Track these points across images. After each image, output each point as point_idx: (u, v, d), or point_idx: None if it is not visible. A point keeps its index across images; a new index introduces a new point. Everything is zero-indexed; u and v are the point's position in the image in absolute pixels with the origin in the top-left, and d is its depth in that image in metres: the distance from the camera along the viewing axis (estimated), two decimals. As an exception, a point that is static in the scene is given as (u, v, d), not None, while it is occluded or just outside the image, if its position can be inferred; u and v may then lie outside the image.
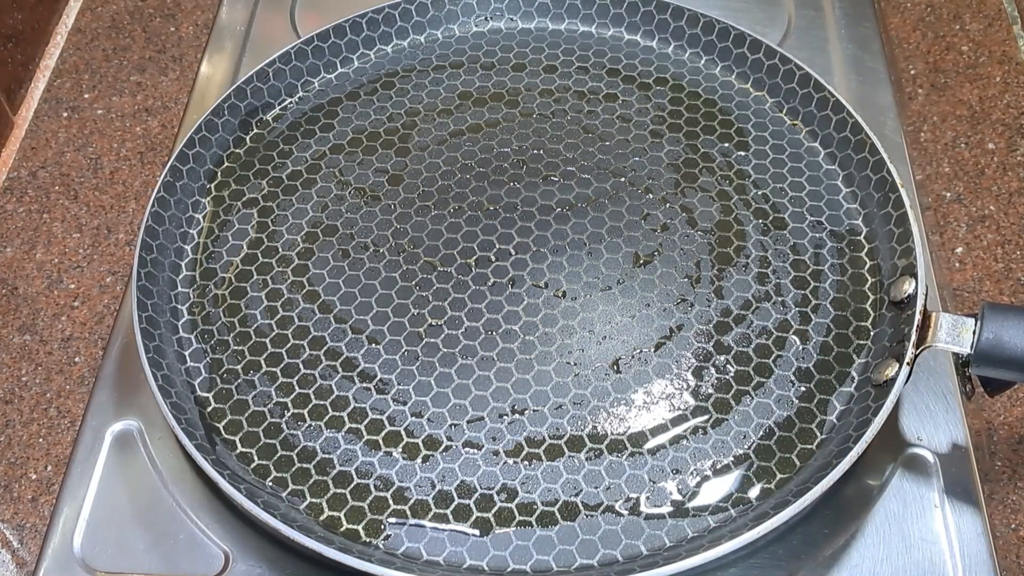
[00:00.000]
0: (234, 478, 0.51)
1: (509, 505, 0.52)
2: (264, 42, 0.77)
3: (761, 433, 0.54)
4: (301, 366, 0.57)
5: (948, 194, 0.67)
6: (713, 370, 0.56)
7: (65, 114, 0.74)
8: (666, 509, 0.51)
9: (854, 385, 0.55)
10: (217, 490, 0.52)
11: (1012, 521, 0.54)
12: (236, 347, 0.58)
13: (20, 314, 0.63)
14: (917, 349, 0.51)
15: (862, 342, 0.57)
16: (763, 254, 0.61)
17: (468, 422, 0.55)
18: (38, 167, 0.71)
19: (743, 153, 0.66)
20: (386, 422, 0.55)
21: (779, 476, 0.52)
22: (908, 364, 0.51)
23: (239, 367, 0.57)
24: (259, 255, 0.62)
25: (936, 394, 0.56)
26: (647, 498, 0.52)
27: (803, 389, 0.55)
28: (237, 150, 0.68)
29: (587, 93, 0.70)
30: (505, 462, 0.53)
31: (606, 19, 0.73)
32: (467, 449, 0.54)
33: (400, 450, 0.54)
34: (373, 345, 0.58)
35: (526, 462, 0.53)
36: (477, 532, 0.51)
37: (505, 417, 0.55)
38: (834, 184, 0.64)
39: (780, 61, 0.68)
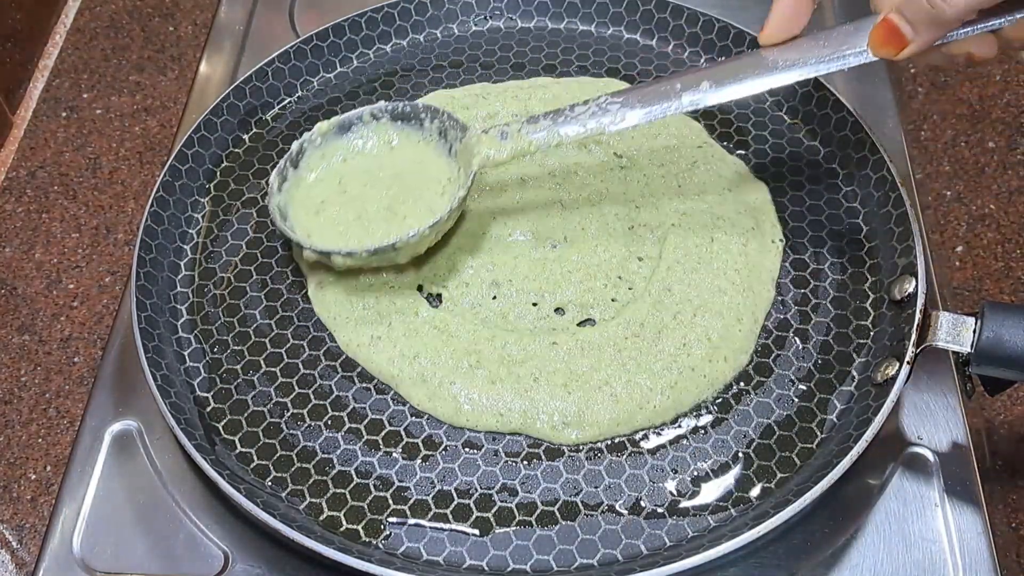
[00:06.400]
0: (233, 478, 0.51)
1: (509, 505, 0.52)
2: (263, 41, 0.77)
3: (761, 432, 0.54)
4: (300, 366, 0.57)
5: (948, 193, 0.67)
6: (713, 369, 0.56)
7: (64, 114, 0.74)
8: (666, 508, 0.51)
9: (854, 384, 0.55)
10: (216, 490, 0.52)
11: (1012, 520, 0.54)
12: (235, 347, 0.58)
13: (19, 314, 0.63)
14: (917, 348, 0.51)
15: (862, 341, 0.57)
16: (763, 253, 0.61)
17: (468, 422, 0.55)
18: (37, 167, 0.71)
19: (743, 152, 0.66)
20: (386, 422, 0.55)
21: (779, 475, 0.52)
22: (908, 363, 0.51)
23: (238, 367, 0.57)
24: (258, 255, 0.62)
25: (936, 393, 0.56)
26: (647, 497, 0.52)
27: (803, 388, 0.55)
28: (236, 150, 0.68)
29: (586, 92, 0.70)
30: (505, 462, 0.53)
31: (605, 18, 0.73)
32: (467, 449, 0.54)
33: (400, 450, 0.54)
34: (373, 345, 0.58)
35: (526, 462, 0.53)
36: (477, 532, 0.51)
37: (505, 417, 0.55)
38: (834, 183, 0.64)
39: (780, 60, 0.67)
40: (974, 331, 0.49)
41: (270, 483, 0.53)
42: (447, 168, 0.59)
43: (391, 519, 0.51)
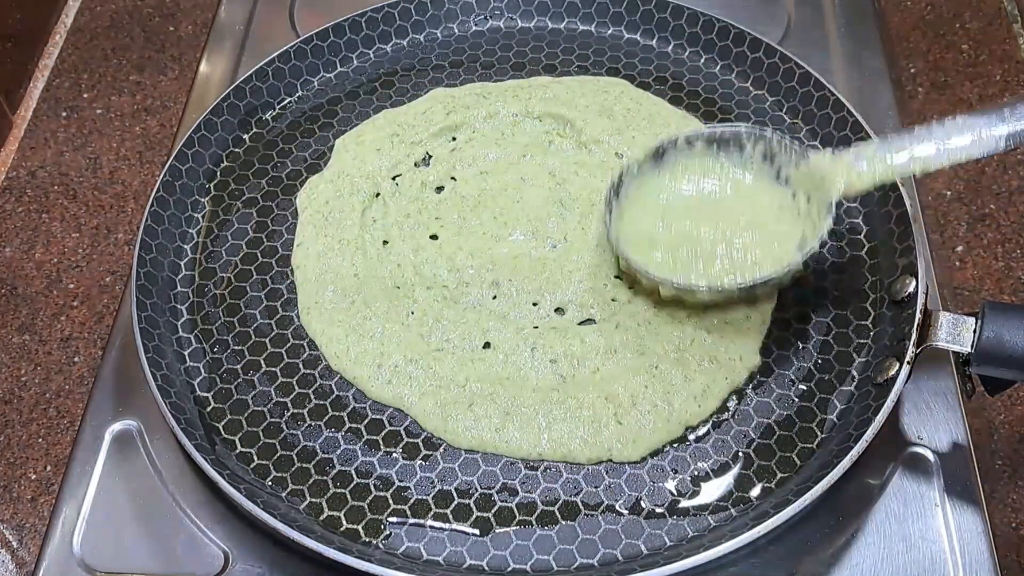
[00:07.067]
0: (234, 478, 0.51)
1: (509, 505, 0.52)
2: (263, 41, 0.77)
3: (761, 432, 0.54)
4: (301, 366, 0.57)
5: (948, 193, 0.67)
6: (713, 369, 0.56)
7: (64, 114, 0.74)
8: (666, 508, 0.51)
9: (854, 384, 0.55)
10: (217, 490, 0.52)
11: (1012, 520, 0.54)
12: (235, 347, 0.58)
13: (19, 314, 0.63)
14: (917, 348, 0.51)
15: (862, 341, 0.57)
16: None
17: (468, 422, 0.55)
18: (37, 167, 0.71)
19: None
20: (386, 422, 0.55)
21: (779, 475, 0.52)
22: (908, 363, 0.51)
23: (238, 367, 0.57)
24: (258, 255, 0.62)
25: (936, 393, 0.56)
26: (647, 497, 0.52)
27: (803, 388, 0.55)
28: (236, 150, 0.68)
29: (587, 92, 0.70)
30: (505, 461, 0.53)
31: (606, 18, 0.73)
32: (467, 449, 0.54)
33: (400, 450, 0.54)
34: (373, 345, 0.58)
35: (526, 461, 0.53)
36: (477, 532, 0.51)
37: (505, 417, 0.55)
38: (834, 183, 0.64)
39: (780, 60, 0.67)
40: (974, 331, 0.49)
41: (270, 483, 0.53)
42: (778, 195, 0.56)
43: (391, 519, 0.51)
